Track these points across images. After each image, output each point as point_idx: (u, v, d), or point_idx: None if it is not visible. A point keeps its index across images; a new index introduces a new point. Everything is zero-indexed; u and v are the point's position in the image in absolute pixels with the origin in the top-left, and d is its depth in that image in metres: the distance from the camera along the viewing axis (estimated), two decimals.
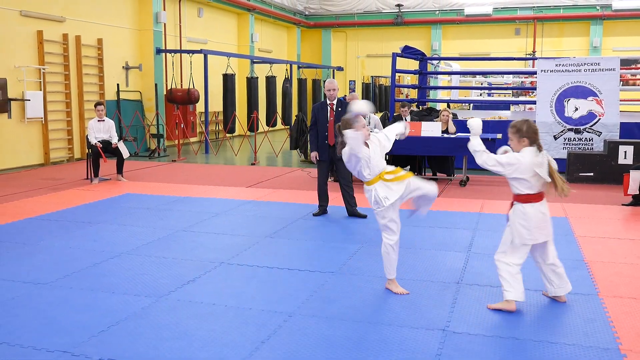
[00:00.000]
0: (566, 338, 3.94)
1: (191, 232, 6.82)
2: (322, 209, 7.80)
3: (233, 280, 5.15)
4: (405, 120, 10.81)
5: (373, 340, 3.89)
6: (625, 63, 19.07)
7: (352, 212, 7.70)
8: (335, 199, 8.14)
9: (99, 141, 10.30)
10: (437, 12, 24.62)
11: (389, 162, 10.72)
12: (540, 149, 4.47)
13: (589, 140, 11.12)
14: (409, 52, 13.07)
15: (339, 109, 7.56)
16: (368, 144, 4.77)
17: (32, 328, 4.08)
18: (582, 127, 11.15)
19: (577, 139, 11.18)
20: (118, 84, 15.00)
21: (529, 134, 4.47)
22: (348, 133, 4.57)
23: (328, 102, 7.69)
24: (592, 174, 10.51)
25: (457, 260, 5.72)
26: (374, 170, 4.71)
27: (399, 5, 24.77)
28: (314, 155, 7.70)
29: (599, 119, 11.04)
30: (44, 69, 12.61)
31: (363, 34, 26.20)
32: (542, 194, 4.51)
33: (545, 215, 4.51)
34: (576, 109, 11.14)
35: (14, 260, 5.67)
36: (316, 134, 7.71)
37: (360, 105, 4.69)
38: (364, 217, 7.60)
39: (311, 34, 26.73)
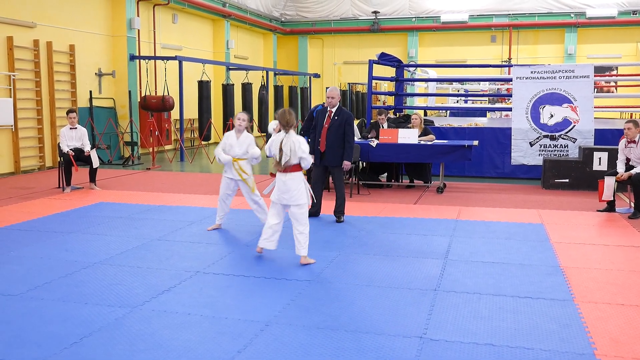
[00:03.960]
0: (542, 344, 3.94)
1: (166, 241, 6.73)
2: (312, 211, 7.76)
3: (208, 290, 5.08)
4: (382, 127, 10.83)
5: (350, 349, 3.85)
6: (600, 70, 19.43)
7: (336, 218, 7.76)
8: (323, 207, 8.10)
9: (71, 149, 10.13)
10: (414, 19, 24.81)
11: (366, 170, 10.83)
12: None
13: (564, 147, 11.25)
14: (385, 59, 13.11)
15: (335, 117, 7.58)
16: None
17: (2, 340, 3.97)
18: (557, 134, 11.27)
19: (552, 146, 11.30)
20: (91, 91, 14.81)
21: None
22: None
23: (328, 108, 7.70)
24: (567, 180, 10.63)
25: (434, 267, 5.72)
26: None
27: (375, 12, 24.91)
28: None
29: (574, 125, 11.18)
30: (14, 75, 12.38)
31: (340, 40, 26.28)
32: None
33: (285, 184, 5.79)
34: (551, 116, 11.27)
35: None
36: (314, 138, 7.79)
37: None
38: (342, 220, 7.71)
39: (287, 40, 26.73)
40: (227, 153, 7.04)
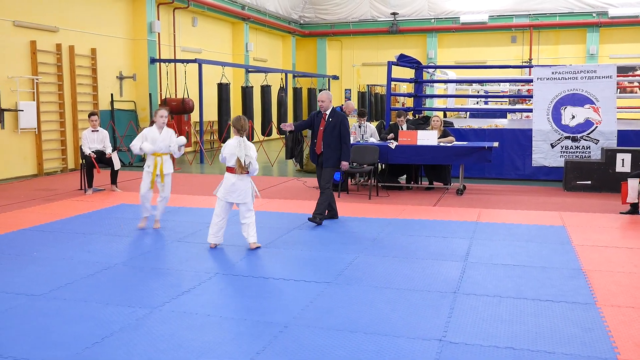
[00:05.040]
0: (564, 348, 3.90)
1: (186, 243, 6.78)
2: (330, 214, 7.96)
3: (228, 291, 5.11)
4: (402, 129, 10.80)
5: (369, 351, 3.85)
6: (622, 70, 19.15)
7: (312, 217, 7.71)
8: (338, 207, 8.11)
9: (93, 151, 10.25)
10: (433, 20, 24.71)
11: (385, 171, 10.81)
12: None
13: (586, 149, 11.12)
14: (404, 60, 13.08)
15: (330, 120, 7.77)
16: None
17: (25, 340, 4.03)
18: (579, 135, 11.15)
19: (574, 147, 11.18)
20: (112, 94, 14.97)
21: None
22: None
23: (322, 112, 7.88)
24: (589, 182, 10.50)
25: (453, 270, 5.68)
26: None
27: (394, 14, 24.85)
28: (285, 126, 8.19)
29: (596, 126, 11.04)
30: (37, 79, 12.57)
31: (358, 42, 26.26)
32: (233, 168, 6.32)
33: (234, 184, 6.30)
34: (573, 117, 11.15)
35: (8, 272, 5.61)
36: (312, 140, 8.06)
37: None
38: (318, 223, 7.62)
39: (306, 42, 26.78)
40: (153, 149, 7.34)
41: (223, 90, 16.93)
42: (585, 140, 11.13)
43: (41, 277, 5.46)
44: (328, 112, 7.81)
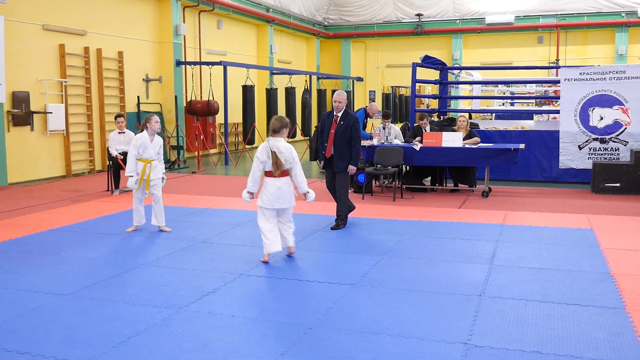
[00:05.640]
0: (591, 352, 3.84)
1: (210, 244, 6.82)
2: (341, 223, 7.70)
3: (252, 292, 5.13)
4: (425, 131, 10.74)
5: (393, 353, 3.83)
6: None
7: (335, 225, 7.59)
8: (354, 211, 8.08)
9: (119, 153, 10.38)
10: (458, 21, 24.53)
11: (409, 173, 10.76)
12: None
13: (615, 150, 10.94)
14: (429, 61, 13.01)
15: (341, 122, 7.49)
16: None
17: (53, 339, 4.09)
18: (607, 137, 10.98)
19: (602, 149, 11.01)
20: (138, 96, 15.15)
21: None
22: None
23: (335, 112, 7.62)
24: (618, 184, 10.33)
25: (479, 273, 5.63)
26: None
27: (419, 15, 24.73)
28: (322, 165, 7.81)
29: (625, 128, 10.86)
30: (65, 82, 12.78)
31: (383, 44, 26.18)
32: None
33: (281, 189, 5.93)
34: (601, 118, 10.98)
35: (36, 271, 5.71)
36: (322, 143, 7.71)
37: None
38: (339, 227, 7.54)
39: (330, 44, 26.79)
40: (141, 155, 7.32)
41: (248, 92, 17.02)
42: (614, 141, 10.96)
43: (69, 276, 5.55)
44: (340, 114, 7.55)
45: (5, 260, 6.07)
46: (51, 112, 12.34)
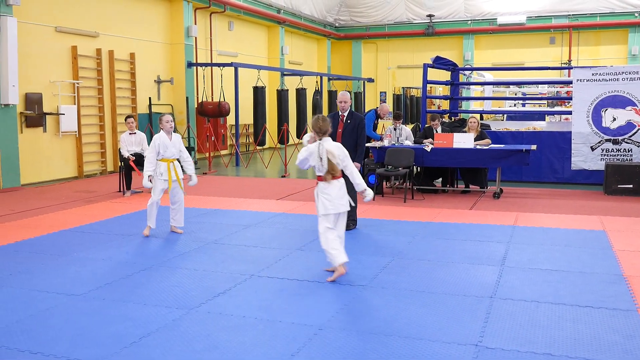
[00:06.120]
0: (604, 355, 3.81)
1: (221, 245, 6.84)
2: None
3: (263, 293, 5.13)
4: (436, 132, 10.71)
5: (404, 355, 3.82)
6: None
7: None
8: (364, 211, 8.08)
9: (131, 154, 10.44)
10: (469, 22, 24.45)
11: (420, 174, 10.73)
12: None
13: (628, 151, 10.86)
14: (440, 62, 12.98)
15: (348, 121, 7.53)
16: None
17: (65, 339, 4.12)
18: (620, 138, 10.90)
19: (615, 150, 10.93)
20: (150, 98, 15.22)
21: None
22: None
23: (340, 113, 7.64)
24: (631, 185, 10.25)
25: (490, 274, 5.61)
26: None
27: (430, 16, 24.67)
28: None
29: (638, 129, 10.78)
30: (78, 83, 12.87)
31: (394, 45, 26.14)
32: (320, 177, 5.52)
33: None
34: (614, 119, 10.90)
35: (49, 272, 5.75)
36: None
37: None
38: (350, 228, 7.46)
39: (341, 45, 26.79)
40: (162, 155, 7.22)
41: (259, 93, 17.06)
42: (626, 143, 10.88)
43: (81, 277, 5.58)
44: (346, 114, 7.58)
45: (18, 261, 6.12)
46: (63, 114, 12.43)
